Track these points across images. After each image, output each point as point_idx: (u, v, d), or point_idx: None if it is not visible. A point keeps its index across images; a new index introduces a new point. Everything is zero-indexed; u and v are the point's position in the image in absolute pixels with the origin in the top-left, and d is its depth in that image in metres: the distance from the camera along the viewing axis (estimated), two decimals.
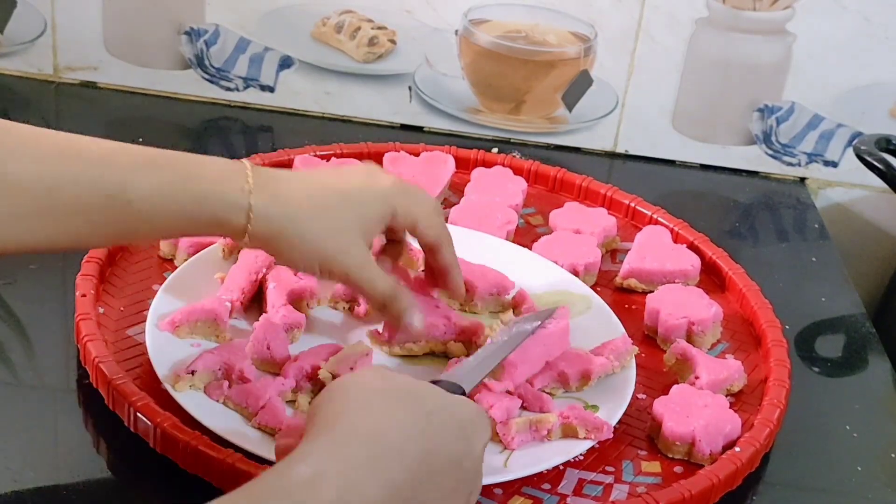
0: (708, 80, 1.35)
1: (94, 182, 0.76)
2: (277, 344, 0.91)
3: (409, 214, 0.86)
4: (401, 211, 0.86)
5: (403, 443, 0.66)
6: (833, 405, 1.01)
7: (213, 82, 1.38)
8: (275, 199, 0.81)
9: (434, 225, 0.88)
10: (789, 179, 1.39)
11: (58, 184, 0.76)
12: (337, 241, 0.83)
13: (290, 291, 0.96)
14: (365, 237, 0.84)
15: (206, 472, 0.81)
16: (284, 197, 0.81)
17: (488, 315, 1.00)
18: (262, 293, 0.98)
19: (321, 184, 0.84)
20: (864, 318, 1.14)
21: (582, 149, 1.39)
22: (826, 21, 1.31)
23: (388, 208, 0.85)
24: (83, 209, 0.77)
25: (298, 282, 0.97)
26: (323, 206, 0.82)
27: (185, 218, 0.79)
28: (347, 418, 0.66)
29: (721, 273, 1.10)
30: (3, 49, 1.37)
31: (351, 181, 0.85)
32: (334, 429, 0.66)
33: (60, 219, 0.77)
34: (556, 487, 0.85)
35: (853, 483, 0.93)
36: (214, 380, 0.88)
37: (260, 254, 0.99)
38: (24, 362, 0.95)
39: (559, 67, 1.35)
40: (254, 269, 0.98)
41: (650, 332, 1.02)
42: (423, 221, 0.87)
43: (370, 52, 1.35)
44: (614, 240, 1.14)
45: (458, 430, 0.70)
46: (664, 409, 0.90)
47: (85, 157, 0.77)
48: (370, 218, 0.84)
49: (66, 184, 0.76)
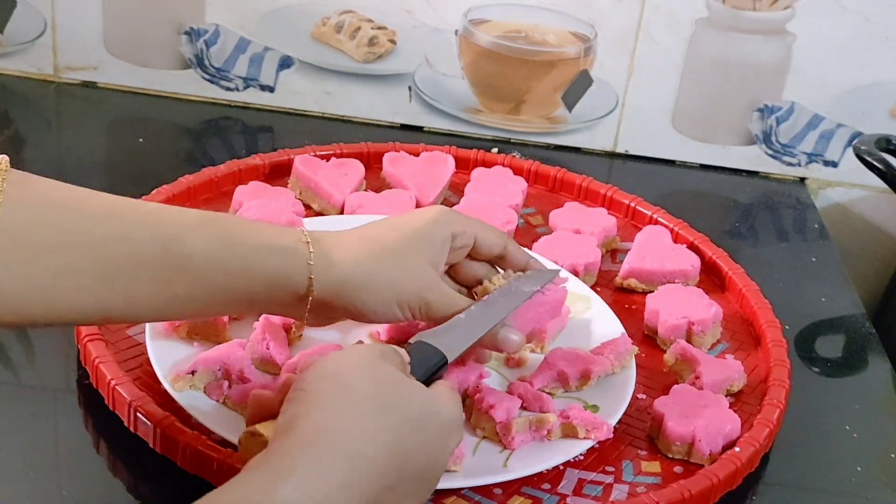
0: (708, 80, 1.35)
1: (145, 239, 0.73)
2: (277, 344, 0.91)
3: (467, 232, 0.85)
4: (458, 230, 0.85)
5: (383, 458, 0.67)
6: (833, 405, 1.01)
7: (213, 82, 1.38)
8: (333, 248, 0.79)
9: (491, 232, 0.87)
10: (789, 179, 1.39)
11: (111, 238, 0.72)
12: (407, 272, 0.81)
13: None
14: (437, 267, 0.83)
15: (206, 472, 0.81)
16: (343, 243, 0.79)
17: None
18: None
19: (374, 229, 0.83)
20: (864, 318, 1.14)
21: (582, 149, 1.39)
22: (826, 21, 1.31)
23: (447, 229, 0.84)
24: (137, 265, 0.73)
25: None
26: (383, 245, 0.80)
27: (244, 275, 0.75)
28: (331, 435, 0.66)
29: (721, 273, 1.10)
30: (3, 49, 1.37)
31: (400, 220, 0.84)
32: (318, 445, 0.65)
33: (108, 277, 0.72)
34: (556, 487, 0.85)
35: (853, 483, 0.93)
36: (214, 380, 0.88)
37: None
38: (24, 362, 0.95)
39: (559, 67, 1.35)
40: None
41: (650, 332, 1.02)
42: (481, 234, 0.86)
43: (370, 52, 1.36)
44: (614, 240, 1.14)
45: (436, 439, 0.71)
46: (664, 409, 0.90)
47: (138, 214, 0.74)
48: (431, 244, 0.83)
49: (120, 239, 0.73)
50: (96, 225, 0.72)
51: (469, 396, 0.89)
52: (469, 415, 0.88)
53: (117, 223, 0.73)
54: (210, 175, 1.14)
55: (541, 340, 0.95)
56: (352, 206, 1.11)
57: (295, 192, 1.14)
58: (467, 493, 0.84)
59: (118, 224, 0.73)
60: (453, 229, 0.84)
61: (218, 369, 0.88)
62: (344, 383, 0.69)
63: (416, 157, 1.20)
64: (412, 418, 0.70)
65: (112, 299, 0.73)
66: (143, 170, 1.24)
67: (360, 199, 1.12)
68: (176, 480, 0.82)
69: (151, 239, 0.73)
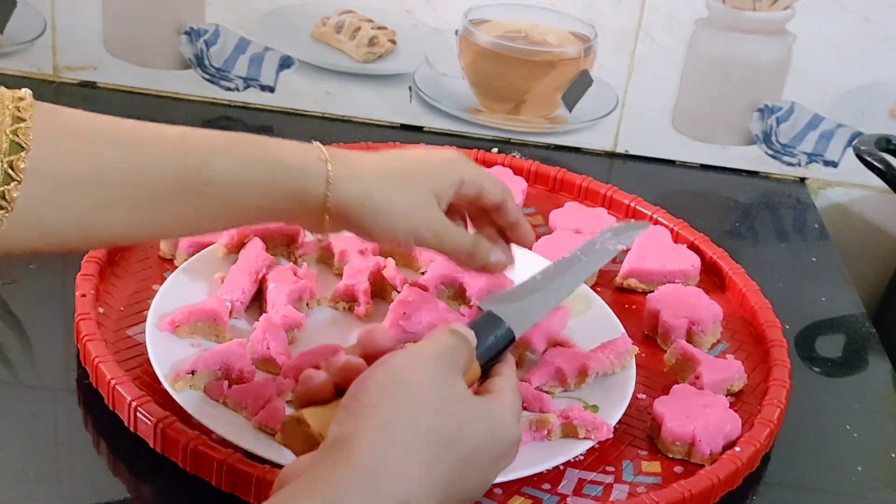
0: (708, 80, 1.35)
1: (172, 167, 0.76)
2: (277, 344, 0.91)
3: (474, 180, 0.88)
4: (468, 178, 0.87)
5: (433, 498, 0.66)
6: (833, 405, 1.01)
7: (213, 82, 1.38)
8: (352, 169, 0.81)
9: (497, 186, 0.90)
10: (789, 179, 1.39)
11: (136, 170, 0.76)
12: (420, 208, 0.84)
13: (290, 291, 0.96)
14: (441, 203, 0.86)
15: (206, 472, 0.81)
16: (360, 167, 0.82)
17: None
18: (262, 293, 0.98)
19: (391, 157, 0.87)
20: (864, 318, 1.14)
21: (582, 149, 1.39)
22: (826, 21, 1.31)
23: (458, 174, 0.87)
24: (162, 195, 0.76)
25: (298, 282, 0.97)
26: (399, 176, 0.84)
27: (264, 193, 0.79)
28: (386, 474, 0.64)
29: (721, 273, 1.10)
30: (3, 49, 1.37)
31: (419, 154, 0.88)
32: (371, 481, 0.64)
33: (140, 206, 0.76)
34: (556, 487, 0.85)
35: (853, 483, 0.93)
36: (214, 380, 0.88)
37: (260, 254, 0.99)
38: (24, 362, 0.95)
39: (559, 67, 1.35)
40: (254, 269, 0.98)
41: (650, 332, 1.02)
42: (487, 185, 0.89)
43: (370, 52, 1.35)
44: None
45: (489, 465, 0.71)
46: (664, 409, 0.90)
47: (160, 142, 0.77)
48: (444, 183, 0.86)
49: (144, 170, 0.76)
50: (127, 155, 0.76)
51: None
52: None
53: (147, 153, 0.76)
54: None
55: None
56: None
57: None
58: None
59: (148, 154, 0.76)
60: (463, 174, 0.87)
61: (218, 369, 0.88)
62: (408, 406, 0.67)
63: None
64: (471, 454, 0.69)
65: (144, 224, 0.78)
66: None
67: None
68: (176, 480, 0.82)
69: (180, 166, 0.76)
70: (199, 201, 0.78)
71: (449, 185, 0.86)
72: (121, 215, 0.76)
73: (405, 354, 0.71)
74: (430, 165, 0.86)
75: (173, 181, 0.76)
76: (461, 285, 1.00)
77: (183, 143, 0.78)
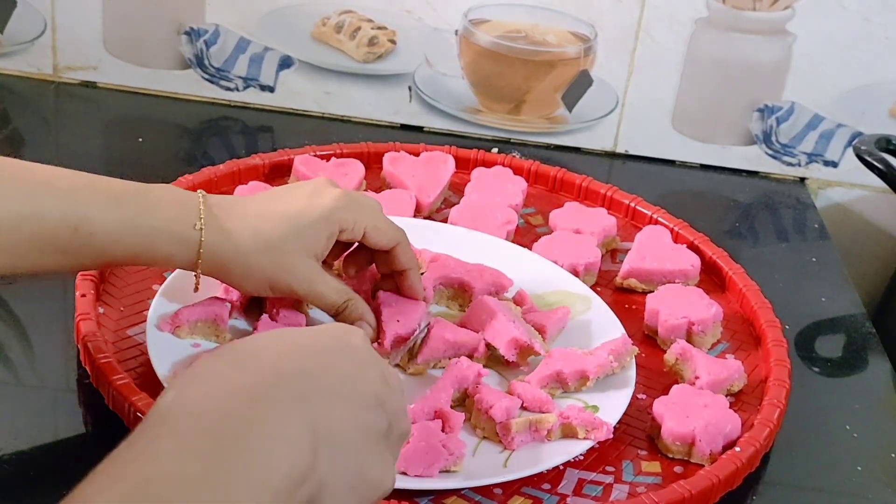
0: (708, 80, 1.35)
1: (60, 217, 0.81)
2: None
3: (355, 227, 0.90)
4: (347, 226, 0.90)
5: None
6: (833, 405, 1.01)
7: (213, 82, 1.38)
8: (223, 235, 0.86)
9: (383, 230, 0.92)
10: (789, 179, 1.39)
11: (25, 217, 0.80)
12: (282, 266, 0.88)
13: None
14: (314, 256, 0.89)
15: None
16: (232, 232, 0.86)
17: None
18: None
19: (268, 213, 0.88)
20: (864, 318, 1.14)
21: (582, 149, 1.39)
22: (826, 21, 1.31)
23: (334, 226, 0.89)
24: (46, 242, 0.82)
25: None
26: (268, 237, 0.87)
27: (139, 254, 0.85)
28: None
29: (721, 273, 1.10)
30: (3, 49, 1.37)
31: (295, 205, 0.89)
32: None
33: (25, 251, 0.82)
34: (556, 487, 0.85)
35: (853, 483, 0.93)
36: None
37: None
38: (24, 362, 0.95)
39: (559, 67, 1.35)
40: None
41: (650, 332, 1.02)
42: (370, 230, 0.91)
43: (370, 52, 1.35)
44: (614, 240, 1.14)
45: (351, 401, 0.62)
46: (664, 409, 0.90)
47: (52, 191, 0.82)
48: (315, 239, 0.88)
49: (31, 219, 0.81)
50: (13, 202, 0.80)
51: (469, 396, 0.89)
52: (469, 415, 0.88)
53: (34, 202, 0.81)
54: (209, 175, 1.14)
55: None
56: None
57: None
58: (467, 493, 0.84)
59: (34, 203, 0.81)
60: (342, 224, 0.89)
61: None
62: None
63: (417, 157, 1.20)
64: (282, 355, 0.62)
65: (22, 266, 0.83)
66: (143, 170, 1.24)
67: None
68: None
69: (62, 219, 0.81)
70: (79, 252, 0.83)
71: (323, 239, 0.89)
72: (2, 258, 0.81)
73: None
74: (304, 223, 0.88)
75: (53, 235, 0.81)
76: (461, 285, 1.00)
77: (69, 197, 0.82)
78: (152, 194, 0.85)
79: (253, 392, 0.58)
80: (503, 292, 1.01)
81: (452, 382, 0.89)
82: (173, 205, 0.85)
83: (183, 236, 0.85)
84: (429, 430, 0.83)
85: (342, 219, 0.89)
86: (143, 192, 0.85)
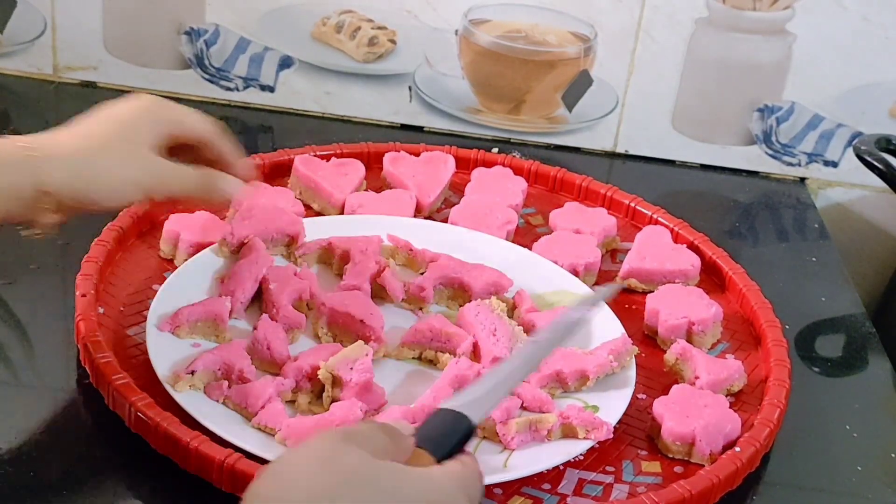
0: (708, 80, 1.35)
1: None
2: (277, 344, 0.91)
3: (172, 116, 0.92)
4: (165, 116, 0.92)
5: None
6: (833, 405, 1.01)
7: (213, 82, 1.38)
8: (54, 151, 0.85)
9: (199, 122, 0.95)
10: (789, 179, 1.39)
11: None
12: (136, 163, 0.88)
13: (290, 291, 0.96)
14: (152, 148, 0.90)
15: (206, 473, 0.81)
16: (63, 147, 0.86)
17: None
18: (262, 293, 0.98)
19: (90, 127, 0.89)
20: (864, 318, 1.14)
21: (582, 149, 1.39)
22: (826, 21, 1.31)
23: (160, 117, 0.91)
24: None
25: (300, 282, 0.97)
26: (104, 143, 0.87)
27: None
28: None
29: (721, 273, 1.10)
30: (3, 49, 1.37)
31: (116, 113, 0.90)
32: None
33: None
34: (557, 487, 0.85)
35: (853, 483, 0.93)
36: (214, 380, 0.88)
37: (261, 254, 0.99)
38: (24, 362, 0.95)
39: (559, 67, 1.35)
40: (254, 270, 0.98)
41: (650, 332, 1.02)
42: (188, 122, 0.94)
43: (370, 52, 1.35)
44: (614, 240, 1.14)
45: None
46: (664, 409, 0.90)
47: None
48: (150, 132, 0.89)
49: None
50: None
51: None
52: None
53: None
54: None
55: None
56: (352, 205, 1.12)
57: (295, 191, 1.14)
58: None
59: None
60: (162, 115, 0.91)
61: (217, 369, 0.88)
62: (287, 488, 0.58)
63: (417, 157, 1.20)
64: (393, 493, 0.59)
65: None
66: None
67: (361, 199, 1.12)
68: (176, 481, 0.82)
69: None
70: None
71: (157, 132, 0.90)
72: None
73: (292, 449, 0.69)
74: (130, 120, 0.89)
75: None
76: (461, 285, 1.00)
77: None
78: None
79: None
80: (503, 292, 1.01)
81: (451, 381, 0.89)
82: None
83: (15, 162, 0.84)
84: None
85: (162, 111, 0.92)
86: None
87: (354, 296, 0.97)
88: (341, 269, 1.02)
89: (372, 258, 1.01)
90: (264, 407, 0.85)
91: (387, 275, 1.00)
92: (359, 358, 0.89)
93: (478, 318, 0.96)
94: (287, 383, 0.88)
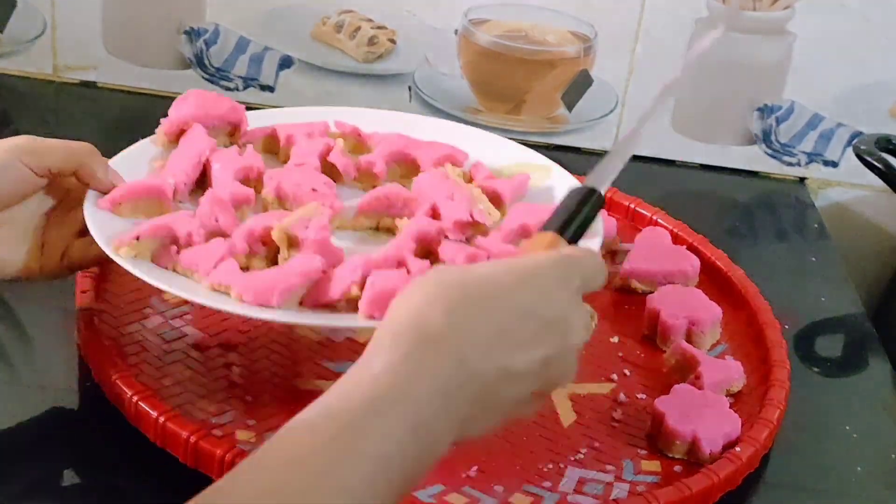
0: (708, 80, 1.35)
1: None
2: (226, 217, 0.86)
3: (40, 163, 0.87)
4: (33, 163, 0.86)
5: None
6: (833, 405, 1.01)
7: (213, 82, 1.38)
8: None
9: (62, 152, 0.89)
10: (789, 179, 1.39)
11: None
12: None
13: (236, 170, 0.91)
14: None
15: (206, 467, 0.81)
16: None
17: None
18: (205, 177, 0.93)
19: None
20: (864, 318, 1.14)
21: (582, 149, 1.39)
22: (826, 21, 1.31)
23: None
24: None
25: (245, 160, 0.92)
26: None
27: None
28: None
29: (721, 273, 1.10)
30: (3, 49, 1.37)
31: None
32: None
33: None
34: (557, 485, 0.85)
35: (853, 483, 0.93)
36: (161, 246, 0.83)
37: (202, 138, 0.94)
38: (24, 362, 0.95)
39: (559, 67, 1.35)
40: (196, 152, 0.92)
41: (650, 332, 1.02)
42: (52, 162, 0.88)
43: (370, 52, 1.36)
44: (614, 241, 1.14)
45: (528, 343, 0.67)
46: (664, 408, 0.90)
47: None
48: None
49: None
50: None
51: (432, 253, 0.85)
52: None
53: None
54: None
55: (500, 206, 0.90)
56: None
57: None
58: (467, 490, 0.84)
59: None
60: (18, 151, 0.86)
61: (165, 235, 0.83)
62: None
63: None
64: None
65: None
66: None
67: None
68: (177, 478, 0.82)
69: None
70: None
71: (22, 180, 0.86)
72: None
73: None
74: None
75: None
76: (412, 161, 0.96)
77: None
78: None
79: None
80: (459, 167, 0.96)
81: (414, 236, 0.85)
82: None
83: None
84: (392, 278, 0.80)
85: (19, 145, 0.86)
86: None
87: (304, 169, 0.92)
88: (287, 156, 0.96)
89: (319, 140, 0.97)
90: (216, 266, 0.81)
91: (336, 152, 0.96)
92: (314, 217, 0.84)
93: (433, 185, 0.91)
94: (239, 245, 0.83)
